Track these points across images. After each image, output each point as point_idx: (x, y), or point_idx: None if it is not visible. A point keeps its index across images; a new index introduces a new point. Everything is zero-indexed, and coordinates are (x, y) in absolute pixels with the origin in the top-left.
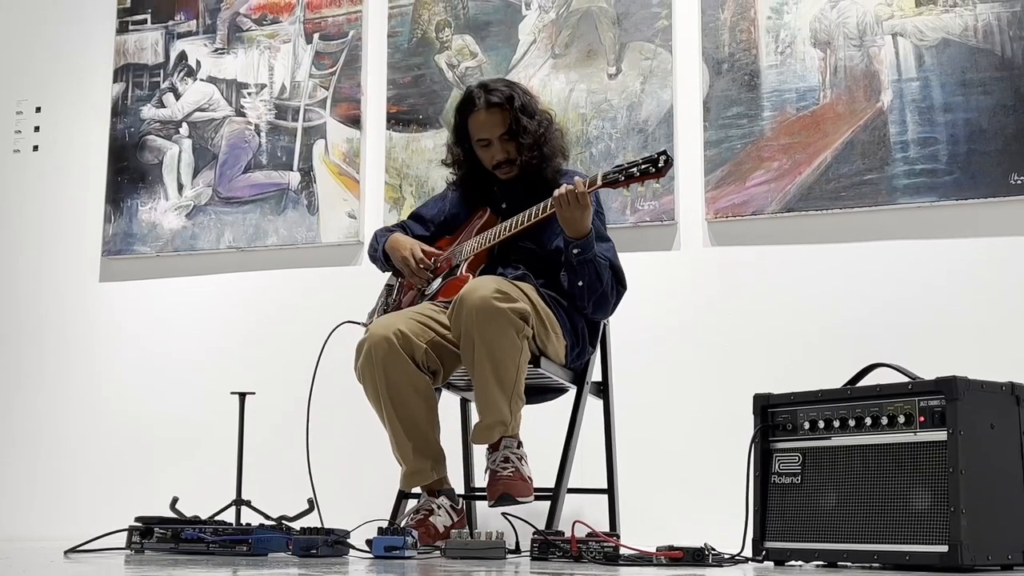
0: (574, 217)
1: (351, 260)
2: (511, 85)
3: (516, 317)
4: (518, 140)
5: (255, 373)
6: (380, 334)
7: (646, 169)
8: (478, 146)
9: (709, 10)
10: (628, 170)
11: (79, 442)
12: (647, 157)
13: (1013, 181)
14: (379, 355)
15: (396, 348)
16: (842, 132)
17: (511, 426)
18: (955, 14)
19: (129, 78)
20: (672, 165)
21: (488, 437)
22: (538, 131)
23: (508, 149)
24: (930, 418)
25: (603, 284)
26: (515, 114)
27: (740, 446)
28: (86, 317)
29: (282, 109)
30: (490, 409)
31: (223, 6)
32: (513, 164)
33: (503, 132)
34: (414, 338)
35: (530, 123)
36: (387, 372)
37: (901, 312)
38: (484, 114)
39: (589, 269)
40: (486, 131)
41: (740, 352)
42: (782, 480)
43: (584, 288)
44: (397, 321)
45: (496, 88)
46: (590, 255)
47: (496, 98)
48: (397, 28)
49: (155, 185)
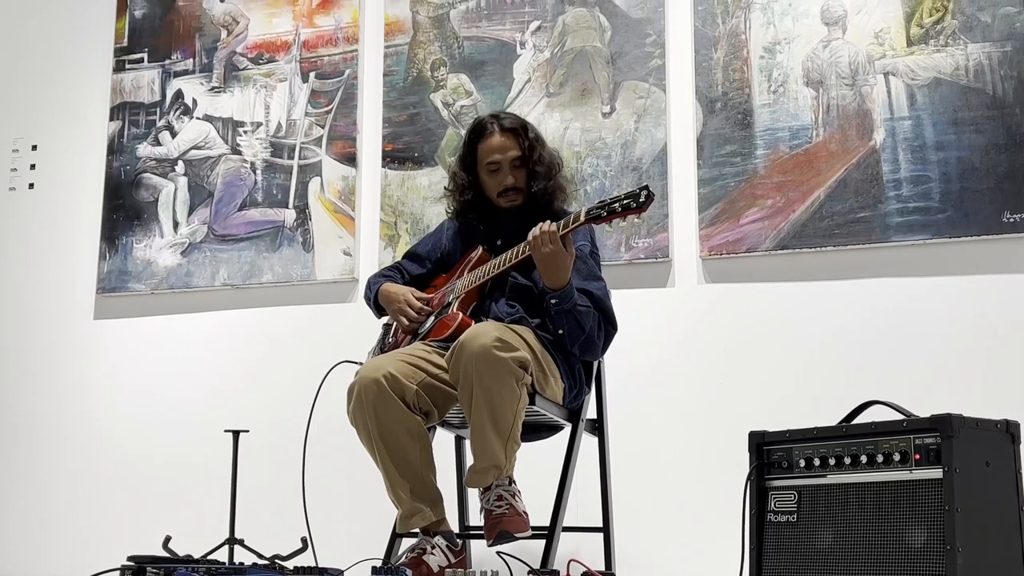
0: (550, 261)
1: (346, 297)
2: (522, 119)
3: (516, 366)
4: (529, 167)
5: (249, 411)
6: (369, 377)
7: (628, 204)
8: (487, 170)
9: (702, 50)
10: (610, 205)
11: (71, 480)
12: (629, 192)
13: (1006, 219)
14: (369, 398)
15: (386, 390)
16: (835, 170)
17: (505, 469)
18: (946, 54)
19: (125, 116)
20: (653, 199)
21: (482, 481)
22: (549, 162)
23: (517, 176)
24: (925, 456)
25: (585, 332)
26: (530, 142)
27: (735, 484)
28: (80, 355)
29: (278, 147)
30: (485, 453)
31: (220, 45)
32: (520, 192)
33: (516, 156)
34: (404, 380)
35: (544, 153)
36: (378, 415)
37: (895, 349)
38: (498, 136)
39: (568, 319)
40: (498, 153)
41: (735, 389)
42: (778, 518)
43: (565, 336)
44: (386, 363)
45: (510, 115)
46: (568, 305)
47: (510, 124)
48: (393, 67)
49: (150, 223)
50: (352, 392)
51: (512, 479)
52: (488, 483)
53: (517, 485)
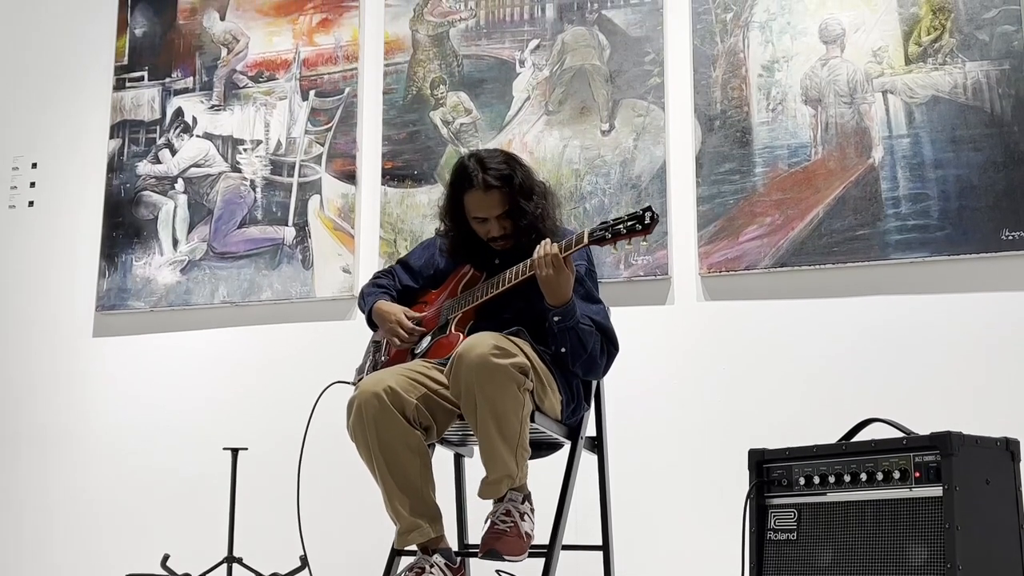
0: (553, 281)
1: (345, 315)
2: (509, 161)
3: (516, 372)
4: (515, 218)
5: (248, 428)
6: (370, 391)
7: (632, 226)
8: (474, 222)
9: (701, 68)
10: (614, 227)
11: (70, 497)
12: (632, 214)
13: (1004, 237)
14: (370, 413)
15: (387, 405)
16: (834, 188)
17: (518, 477)
18: (944, 72)
19: (125, 134)
20: (658, 221)
21: (495, 492)
22: (536, 211)
23: (505, 226)
24: (925, 474)
25: (587, 350)
26: (514, 197)
27: (735, 501)
28: (79, 372)
29: (278, 165)
30: (496, 464)
31: (220, 63)
32: (509, 238)
33: (501, 213)
34: (404, 394)
35: (528, 204)
36: (378, 429)
37: (894, 367)
38: (482, 194)
39: (571, 336)
40: (483, 211)
41: (734, 407)
42: (778, 536)
43: (567, 355)
44: (387, 377)
45: (492, 166)
46: (571, 323)
47: (494, 178)
48: (392, 85)
49: (150, 240)
50: (352, 406)
51: (528, 496)
52: (501, 493)
53: (531, 503)
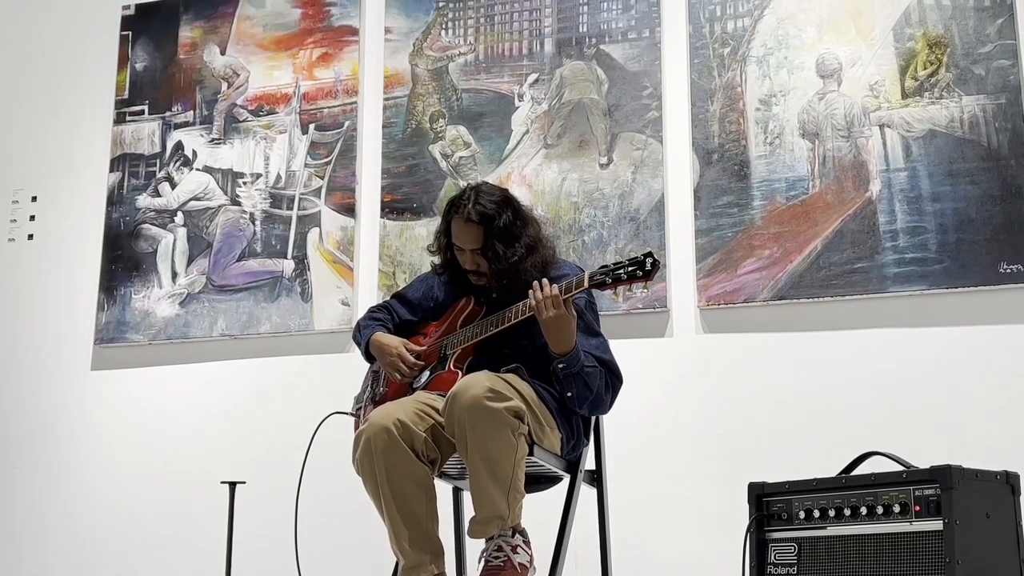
0: (553, 325)
1: (344, 347)
2: (502, 203)
3: (510, 416)
4: (489, 259)
5: (246, 462)
6: (380, 424)
7: (633, 272)
8: (455, 248)
9: (699, 102)
10: (615, 272)
11: (68, 530)
12: (633, 259)
13: (1002, 270)
14: (379, 446)
15: (396, 439)
16: (832, 221)
17: (510, 518)
18: (941, 105)
19: (125, 168)
20: (659, 268)
21: (485, 532)
22: (511, 259)
23: (479, 262)
24: (925, 507)
25: (593, 392)
26: (491, 239)
27: (735, 536)
28: (77, 405)
29: (277, 198)
30: (485, 504)
31: (220, 97)
32: (483, 276)
33: (476, 248)
34: (413, 427)
35: (504, 250)
36: (387, 464)
37: (893, 400)
38: (462, 224)
39: (577, 382)
40: (460, 240)
41: (733, 440)
42: (778, 571)
43: (573, 398)
44: (396, 411)
45: (483, 202)
46: (576, 369)
47: (476, 213)
48: (392, 119)
49: (149, 273)
50: (360, 439)
51: (518, 528)
52: (491, 534)
53: (523, 535)
